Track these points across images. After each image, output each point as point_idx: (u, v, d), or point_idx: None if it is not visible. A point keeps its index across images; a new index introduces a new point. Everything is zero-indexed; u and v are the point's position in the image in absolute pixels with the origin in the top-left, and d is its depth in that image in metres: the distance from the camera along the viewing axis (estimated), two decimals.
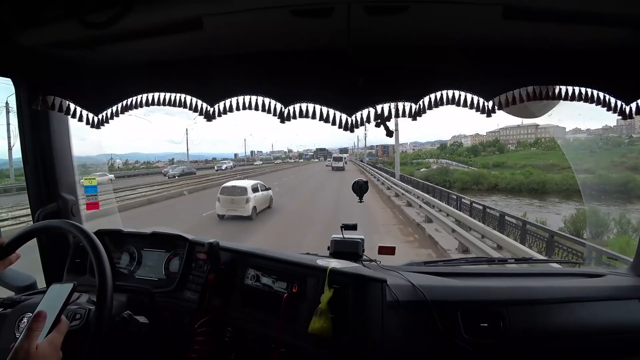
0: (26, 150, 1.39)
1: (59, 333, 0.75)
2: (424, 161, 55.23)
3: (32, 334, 0.71)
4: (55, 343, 0.74)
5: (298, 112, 1.09)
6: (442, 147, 60.39)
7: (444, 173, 39.05)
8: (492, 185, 34.34)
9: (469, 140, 58.03)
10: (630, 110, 1.05)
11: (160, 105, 1.19)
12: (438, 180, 30.21)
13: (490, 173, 37.73)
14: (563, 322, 1.19)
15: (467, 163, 48.49)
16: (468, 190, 31.11)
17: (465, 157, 51.50)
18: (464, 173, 39.37)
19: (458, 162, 49.29)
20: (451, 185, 31.15)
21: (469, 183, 35.05)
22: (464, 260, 1.71)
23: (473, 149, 54.36)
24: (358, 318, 1.08)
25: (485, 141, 54.80)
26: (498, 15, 0.89)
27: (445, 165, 45.39)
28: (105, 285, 0.93)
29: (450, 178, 36.43)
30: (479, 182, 35.14)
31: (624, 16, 0.90)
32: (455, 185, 33.43)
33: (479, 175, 36.99)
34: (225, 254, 1.33)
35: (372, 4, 0.89)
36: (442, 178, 34.96)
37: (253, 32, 1.03)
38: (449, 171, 40.36)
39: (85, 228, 1.00)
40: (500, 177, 35.77)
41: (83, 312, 1.04)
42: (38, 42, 1.09)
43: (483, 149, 53.17)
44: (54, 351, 0.73)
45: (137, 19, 0.89)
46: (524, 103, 1.06)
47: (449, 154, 55.51)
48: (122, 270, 1.48)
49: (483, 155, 51.63)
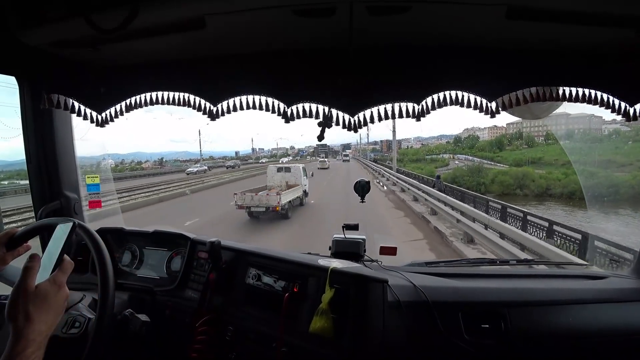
0: (29, 148, 1.39)
1: (62, 272, 0.74)
2: (439, 157, 48.63)
3: (28, 272, 0.70)
4: (58, 281, 0.72)
5: (302, 111, 1.09)
6: (457, 140, 53.51)
7: (475, 173, 31.06)
8: (542, 189, 25.58)
9: (486, 133, 51.95)
10: (634, 111, 1.04)
11: (163, 104, 1.20)
12: (469, 183, 25.56)
13: (536, 172, 28.62)
14: (564, 324, 1.19)
15: (494, 159, 40.39)
16: (511, 196, 24.38)
17: (490, 152, 43.26)
18: (501, 173, 30.67)
19: (481, 158, 41.49)
20: (487, 190, 25.15)
21: (511, 186, 27.01)
22: (465, 261, 1.71)
23: (497, 142, 46.43)
24: (359, 318, 1.08)
25: (506, 133, 47.98)
26: (501, 15, 0.89)
27: (478, 163, 36.74)
28: (106, 283, 0.93)
29: (485, 179, 29.07)
30: (523, 185, 26.99)
31: (628, 17, 0.89)
32: (493, 189, 26.53)
33: (522, 175, 28.25)
34: (227, 253, 1.33)
35: (374, 3, 0.89)
36: (474, 180, 28.27)
37: (255, 32, 1.03)
38: (482, 170, 32.08)
39: (88, 226, 1.00)
40: (550, 178, 27.11)
41: (83, 320, 1.04)
42: (41, 41, 1.09)
43: (508, 142, 46.32)
44: (57, 289, 0.71)
45: (141, 18, 0.90)
46: (527, 104, 1.05)
47: (468, 149, 48.38)
48: (124, 269, 1.48)
49: (510, 150, 43.71)
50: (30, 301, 0.67)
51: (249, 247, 1.38)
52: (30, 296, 0.68)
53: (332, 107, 1.08)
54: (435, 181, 12.63)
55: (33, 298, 0.68)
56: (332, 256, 1.47)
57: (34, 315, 0.66)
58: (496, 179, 28.72)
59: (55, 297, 0.71)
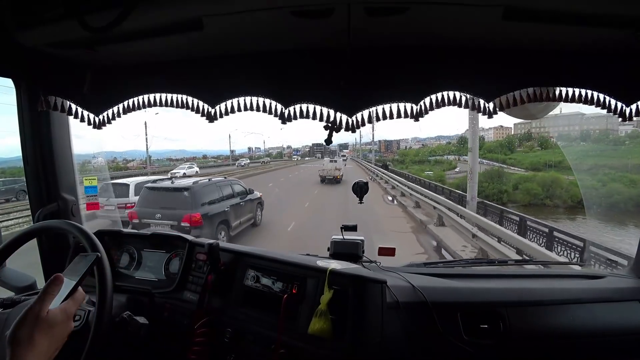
0: (27, 150, 1.39)
1: (73, 302, 0.72)
2: (443, 158, 44.49)
3: (46, 297, 0.68)
4: (68, 312, 0.70)
5: (299, 112, 1.09)
6: (461, 141, 47.69)
7: (496, 179, 25.60)
8: (575, 198, 19.63)
9: (491, 133, 48.06)
10: (630, 112, 1.05)
11: (161, 106, 1.19)
12: (488, 191, 21.64)
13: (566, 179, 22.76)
14: (563, 323, 1.19)
15: (507, 162, 35.53)
16: (538, 206, 20.80)
17: (501, 154, 38.33)
18: (525, 179, 25.92)
19: (490, 160, 36.45)
20: (509, 199, 21.87)
21: (539, 195, 22.56)
22: (463, 262, 1.71)
23: (507, 143, 41.86)
24: (358, 319, 1.08)
25: (513, 134, 43.88)
26: (498, 16, 0.89)
27: (497, 168, 30.90)
28: (105, 286, 0.93)
29: (507, 187, 24.30)
30: (553, 195, 22.52)
31: (624, 17, 0.90)
32: (517, 198, 22.62)
33: (551, 182, 23.24)
34: (225, 254, 1.33)
35: (372, 4, 0.89)
36: (494, 187, 23.72)
37: (253, 33, 1.03)
38: (503, 175, 26.75)
39: (85, 228, 1.00)
40: (583, 186, 17.92)
41: (82, 313, 1.04)
42: (38, 42, 1.09)
43: (519, 144, 41.59)
44: (65, 319, 0.70)
45: (138, 19, 0.89)
46: (524, 104, 1.06)
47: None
48: (122, 271, 1.47)
49: (523, 152, 38.90)
50: (38, 326, 0.65)
51: (248, 248, 1.38)
52: (39, 321, 0.66)
53: (330, 108, 1.08)
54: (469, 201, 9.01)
55: (41, 323, 0.66)
56: (330, 257, 1.47)
57: (37, 341, 0.64)
58: (521, 187, 23.95)
59: (62, 327, 0.69)
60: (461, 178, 24.46)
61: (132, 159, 54.04)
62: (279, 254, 1.32)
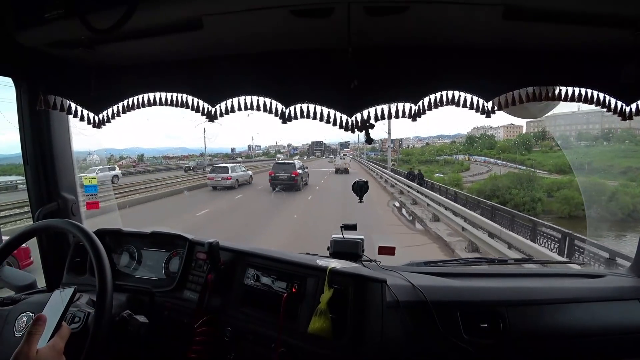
0: (26, 149, 1.39)
1: (60, 338, 0.75)
2: (452, 158, 41.44)
3: (32, 338, 0.70)
4: (57, 348, 0.73)
5: (299, 112, 1.09)
6: (471, 140, 46.14)
7: (526, 184, 21.52)
8: (626, 209, 16.58)
9: (501, 132, 45.99)
10: (630, 111, 1.05)
11: (161, 105, 1.19)
12: (519, 199, 18.92)
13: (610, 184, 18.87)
14: (563, 322, 1.19)
15: (525, 163, 32.98)
16: (580, 219, 14.23)
17: (517, 154, 35.40)
18: (557, 184, 21.40)
19: (505, 160, 33.58)
20: (544, 209, 18.91)
21: (581, 205, 16.49)
22: (463, 261, 1.71)
23: (523, 142, 39.10)
24: (358, 318, 1.08)
25: (525, 133, 41.19)
26: (498, 16, 0.89)
27: (526, 171, 27.00)
28: (105, 285, 0.93)
29: (540, 195, 20.62)
30: (596, 205, 15.77)
31: (624, 17, 0.90)
32: (554, 207, 19.11)
33: (591, 188, 16.96)
34: (225, 253, 1.33)
35: (372, 4, 0.89)
36: (526, 194, 20.25)
37: (253, 33, 1.03)
38: (534, 180, 22.47)
39: (85, 227, 1.00)
40: (633, 194, 18.15)
41: (82, 315, 1.04)
42: (38, 42, 1.09)
43: (535, 143, 38.76)
44: (56, 356, 0.72)
45: (138, 19, 0.89)
46: (524, 104, 1.06)
47: (487, 149, 40.82)
48: (122, 270, 1.48)
49: (542, 151, 35.42)
50: None
51: (248, 247, 1.38)
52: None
53: (330, 108, 1.08)
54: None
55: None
56: (330, 256, 1.47)
57: None
58: (556, 194, 20.13)
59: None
60: (483, 182, 21.86)
61: (127, 156, 54.05)
62: (279, 252, 1.32)
